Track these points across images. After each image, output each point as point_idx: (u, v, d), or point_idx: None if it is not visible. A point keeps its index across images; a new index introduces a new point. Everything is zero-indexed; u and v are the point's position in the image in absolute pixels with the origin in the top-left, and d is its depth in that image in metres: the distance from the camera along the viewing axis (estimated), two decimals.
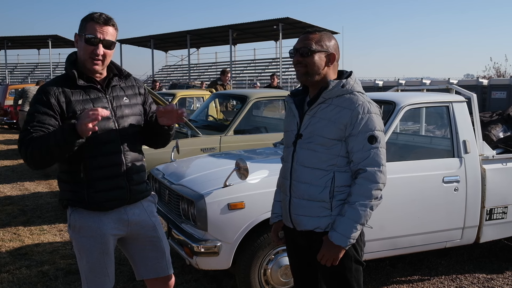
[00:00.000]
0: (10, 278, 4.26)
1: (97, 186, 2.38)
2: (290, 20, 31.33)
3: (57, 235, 5.50)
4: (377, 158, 2.22)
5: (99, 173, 2.38)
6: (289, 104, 2.46)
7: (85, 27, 2.36)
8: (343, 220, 2.22)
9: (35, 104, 2.32)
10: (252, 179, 3.52)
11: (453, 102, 4.12)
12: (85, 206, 2.40)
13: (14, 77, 46.90)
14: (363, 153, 2.22)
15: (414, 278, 4.33)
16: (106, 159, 2.39)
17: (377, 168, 2.22)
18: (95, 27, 2.35)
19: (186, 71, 42.61)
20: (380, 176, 2.22)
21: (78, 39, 2.38)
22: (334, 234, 2.23)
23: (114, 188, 2.42)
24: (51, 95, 2.31)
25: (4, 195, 7.52)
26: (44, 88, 2.34)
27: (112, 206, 2.44)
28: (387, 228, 3.76)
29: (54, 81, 2.40)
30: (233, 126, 6.49)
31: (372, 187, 2.21)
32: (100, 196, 2.39)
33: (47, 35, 42.55)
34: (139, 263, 2.62)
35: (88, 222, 2.40)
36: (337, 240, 2.22)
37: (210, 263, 3.50)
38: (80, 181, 2.37)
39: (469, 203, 4.03)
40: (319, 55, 2.28)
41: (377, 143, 2.23)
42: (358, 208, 2.20)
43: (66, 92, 2.34)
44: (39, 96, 2.33)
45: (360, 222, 2.22)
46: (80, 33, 2.37)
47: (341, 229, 2.22)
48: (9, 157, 11.27)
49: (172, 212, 3.97)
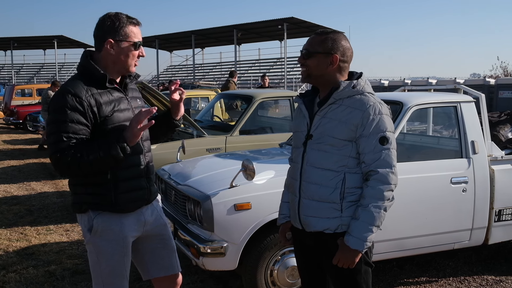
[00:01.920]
0: (17, 278, 4.26)
1: (122, 187, 2.37)
2: (295, 19, 31.29)
3: (63, 235, 5.51)
4: (389, 159, 2.22)
5: (124, 174, 2.37)
6: (299, 104, 2.46)
7: (125, 33, 2.32)
8: (358, 223, 2.21)
9: (66, 110, 2.21)
10: (258, 179, 3.51)
11: (461, 102, 4.09)
12: (110, 209, 2.37)
13: (20, 78, 47.11)
14: (374, 154, 2.21)
15: (421, 279, 4.30)
16: (131, 159, 2.38)
17: (389, 169, 2.21)
18: (137, 31, 2.37)
19: (190, 71, 42.66)
20: (392, 177, 2.21)
21: (114, 44, 2.31)
22: (350, 238, 2.22)
23: (137, 189, 2.43)
24: (84, 100, 2.23)
25: (11, 195, 7.54)
26: (74, 91, 2.23)
27: (135, 207, 2.44)
28: (395, 229, 3.73)
29: (79, 82, 2.28)
30: (238, 126, 6.48)
31: (385, 189, 2.20)
32: (125, 197, 2.38)
33: (52, 36, 42.69)
34: (150, 261, 2.61)
35: (111, 225, 2.38)
36: (354, 244, 2.21)
37: (217, 264, 3.49)
38: (107, 182, 2.34)
39: (477, 204, 4.00)
40: (319, 57, 2.29)
41: (389, 144, 2.22)
42: (372, 210, 2.19)
43: (95, 95, 2.28)
44: (70, 101, 2.21)
45: (375, 225, 2.20)
46: (118, 38, 2.31)
47: (357, 233, 2.21)
48: (16, 157, 11.30)
49: (178, 213, 3.96)
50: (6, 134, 16.55)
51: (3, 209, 6.65)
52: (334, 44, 2.29)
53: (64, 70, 47.75)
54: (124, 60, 2.35)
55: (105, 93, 2.33)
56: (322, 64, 2.29)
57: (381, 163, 2.21)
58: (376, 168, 2.21)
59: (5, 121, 18.56)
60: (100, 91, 2.31)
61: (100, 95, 2.30)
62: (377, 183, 2.20)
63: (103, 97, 2.30)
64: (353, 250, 2.21)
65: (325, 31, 2.35)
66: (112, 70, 2.37)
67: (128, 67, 2.38)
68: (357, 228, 2.21)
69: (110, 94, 2.35)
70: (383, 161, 2.21)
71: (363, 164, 2.24)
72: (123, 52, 2.34)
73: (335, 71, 2.31)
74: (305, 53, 2.31)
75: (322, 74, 2.31)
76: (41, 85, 22.08)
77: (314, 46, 2.30)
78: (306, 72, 2.33)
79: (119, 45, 2.32)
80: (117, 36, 2.32)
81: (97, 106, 2.27)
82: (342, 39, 2.32)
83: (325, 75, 2.31)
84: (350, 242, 2.21)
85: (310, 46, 2.31)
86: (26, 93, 21.13)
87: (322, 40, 2.30)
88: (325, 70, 2.30)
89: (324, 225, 2.30)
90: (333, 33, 2.34)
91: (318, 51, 2.28)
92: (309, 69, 2.32)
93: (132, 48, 2.34)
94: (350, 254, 2.22)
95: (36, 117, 15.37)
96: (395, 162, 2.24)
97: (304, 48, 2.33)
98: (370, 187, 2.21)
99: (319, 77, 2.32)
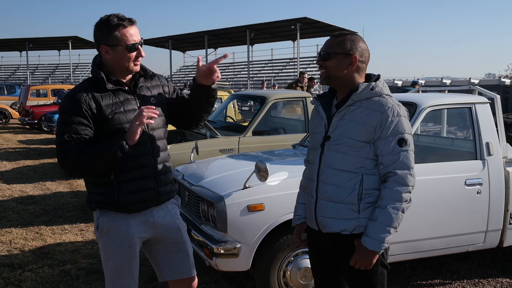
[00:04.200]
0: (33, 277, 4.32)
1: (126, 188, 2.39)
2: (308, 20, 31.22)
3: (78, 235, 5.57)
4: (407, 161, 2.23)
5: (129, 175, 2.39)
6: (316, 106, 2.47)
7: (115, 37, 2.32)
8: (375, 224, 2.22)
9: (67, 114, 2.32)
10: (271, 181, 3.51)
11: (476, 103, 4.06)
12: (114, 209, 2.41)
13: (35, 78, 47.58)
14: (392, 156, 2.22)
15: (435, 281, 4.28)
16: (136, 160, 2.40)
17: (407, 171, 2.22)
18: (129, 32, 2.34)
19: None
20: (410, 179, 2.22)
21: (108, 49, 2.34)
22: (368, 240, 2.22)
23: (143, 190, 2.44)
24: (82, 103, 2.31)
25: (27, 194, 7.63)
26: (74, 96, 2.33)
27: (141, 208, 2.45)
28: (408, 231, 3.72)
29: (82, 87, 2.38)
30: (251, 127, 6.49)
31: (403, 190, 2.21)
32: (129, 198, 2.40)
33: (67, 36, 43.07)
34: (163, 265, 2.63)
35: (117, 225, 2.42)
36: (371, 245, 2.21)
37: (230, 265, 3.51)
38: (110, 183, 2.38)
39: (492, 206, 3.97)
40: (338, 58, 2.30)
41: (407, 146, 2.24)
42: (390, 211, 2.20)
43: (96, 97, 2.34)
44: (70, 105, 2.33)
45: (392, 226, 2.21)
46: (111, 43, 2.33)
47: (374, 234, 2.22)
48: (31, 157, 11.43)
49: (192, 213, 3.98)
50: (22, 134, 16.73)
51: (19, 208, 6.74)
52: (352, 45, 2.31)
53: (78, 70, 48.13)
54: (122, 63, 2.38)
55: (107, 95, 2.37)
56: (342, 65, 2.31)
57: (400, 164, 2.21)
58: (394, 170, 2.21)
59: (21, 121, 18.77)
60: (102, 94, 2.36)
61: (102, 98, 2.35)
62: (395, 184, 2.21)
63: (104, 100, 2.35)
64: (371, 251, 2.22)
65: (342, 33, 2.37)
66: (116, 72, 2.41)
67: (128, 68, 2.40)
68: (375, 229, 2.21)
69: (113, 96, 2.38)
70: (402, 163, 2.22)
71: (381, 165, 2.25)
72: (118, 56, 2.35)
73: (353, 72, 2.32)
74: (324, 54, 2.32)
75: (341, 75, 2.32)
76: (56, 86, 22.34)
77: (333, 47, 2.31)
78: (326, 74, 2.34)
79: (113, 49, 2.34)
80: (109, 41, 2.33)
81: (97, 108, 2.33)
82: (359, 40, 2.34)
83: (344, 76, 2.32)
84: (367, 243, 2.22)
85: (328, 47, 2.32)
86: (41, 93, 21.35)
87: (341, 41, 2.32)
88: (345, 71, 2.31)
89: (341, 226, 2.30)
90: (351, 34, 2.36)
91: (337, 52, 2.30)
92: (328, 71, 2.32)
93: (127, 51, 2.35)
94: (368, 255, 2.23)
95: (51, 117, 15.53)
96: (413, 164, 2.25)
97: (322, 50, 2.34)
98: (388, 189, 2.22)
99: (339, 78, 2.33)
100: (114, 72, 2.40)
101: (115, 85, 2.39)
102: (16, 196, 7.50)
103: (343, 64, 2.30)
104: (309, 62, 37.14)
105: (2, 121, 20.48)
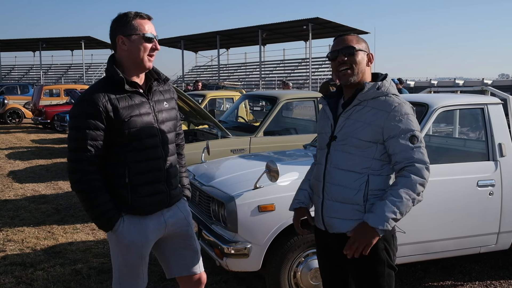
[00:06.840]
0: (44, 276, 4.36)
1: (140, 191, 2.39)
2: (320, 20, 31.18)
3: (89, 234, 5.61)
4: (422, 157, 2.21)
5: (142, 178, 2.39)
6: (323, 106, 2.47)
7: (133, 26, 2.31)
8: (382, 203, 2.18)
9: (83, 118, 2.27)
10: (282, 181, 3.51)
11: (488, 104, 4.03)
12: (128, 211, 2.41)
13: (48, 78, 48.03)
14: (407, 153, 2.20)
15: (446, 283, 4.25)
16: (149, 164, 2.40)
17: (424, 164, 2.21)
18: (146, 24, 2.34)
19: (215, 71, 42.85)
20: (425, 173, 2.20)
21: (125, 40, 2.32)
22: (371, 216, 2.18)
23: (156, 193, 2.44)
24: (100, 106, 2.26)
25: (39, 193, 7.70)
26: (90, 98, 2.28)
27: (153, 211, 2.46)
28: (420, 232, 3.70)
29: (98, 88, 2.32)
30: (263, 127, 6.50)
31: (417, 181, 2.18)
32: (142, 201, 2.41)
33: (80, 37, 43.43)
34: (172, 261, 2.64)
35: (130, 226, 2.42)
36: (373, 221, 2.16)
37: (240, 265, 3.51)
38: (125, 185, 2.38)
39: (504, 207, 3.93)
40: (361, 54, 2.30)
41: (419, 142, 2.23)
42: (401, 194, 2.16)
43: (112, 100, 2.30)
44: (87, 108, 2.27)
45: (399, 209, 2.16)
46: (128, 32, 2.32)
47: (379, 211, 2.17)
48: (44, 157, 11.53)
49: (202, 213, 3.99)
50: (35, 134, 16.89)
51: (31, 207, 6.81)
52: (366, 44, 2.34)
53: (91, 70, 48.51)
54: (137, 54, 2.34)
55: (124, 98, 2.34)
56: (364, 62, 2.31)
57: (416, 160, 2.20)
58: (412, 163, 2.19)
59: (34, 121, 18.92)
60: (118, 96, 2.32)
61: (118, 100, 2.31)
62: (411, 174, 2.18)
63: (120, 102, 2.32)
64: (371, 228, 2.17)
65: (351, 33, 2.39)
66: (130, 69, 2.37)
67: (142, 61, 2.35)
68: (381, 206, 2.18)
69: (129, 99, 2.35)
70: (417, 158, 2.20)
71: (396, 163, 2.23)
72: (134, 46, 2.33)
73: (368, 70, 2.34)
74: (348, 50, 2.28)
75: (363, 71, 2.31)
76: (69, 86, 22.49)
77: (355, 43, 2.30)
78: (351, 71, 2.28)
79: (130, 39, 2.32)
80: (126, 31, 2.32)
81: (114, 111, 2.29)
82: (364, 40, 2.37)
83: (364, 74, 2.32)
84: (370, 219, 2.18)
85: (352, 43, 2.30)
86: (54, 93, 21.50)
87: (357, 39, 2.32)
88: (365, 69, 2.32)
89: (347, 226, 2.29)
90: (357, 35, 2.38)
91: (360, 48, 2.30)
92: (356, 66, 2.28)
93: (143, 40, 2.33)
94: (368, 232, 2.17)
95: (64, 117, 15.66)
96: (428, 159, 2.24)
97: (343, 46, 2.29)
98: (404, 177, 2.19)
99: (361, 74, 2.30)
100: (129, 68, 2.37)
101: (132, 86, 2.37)
102: (29, 195, 7.57)
103: (364, 61, 2.31)
104: (321, 63, 37.09)
105: (16, 121, 20.69)
